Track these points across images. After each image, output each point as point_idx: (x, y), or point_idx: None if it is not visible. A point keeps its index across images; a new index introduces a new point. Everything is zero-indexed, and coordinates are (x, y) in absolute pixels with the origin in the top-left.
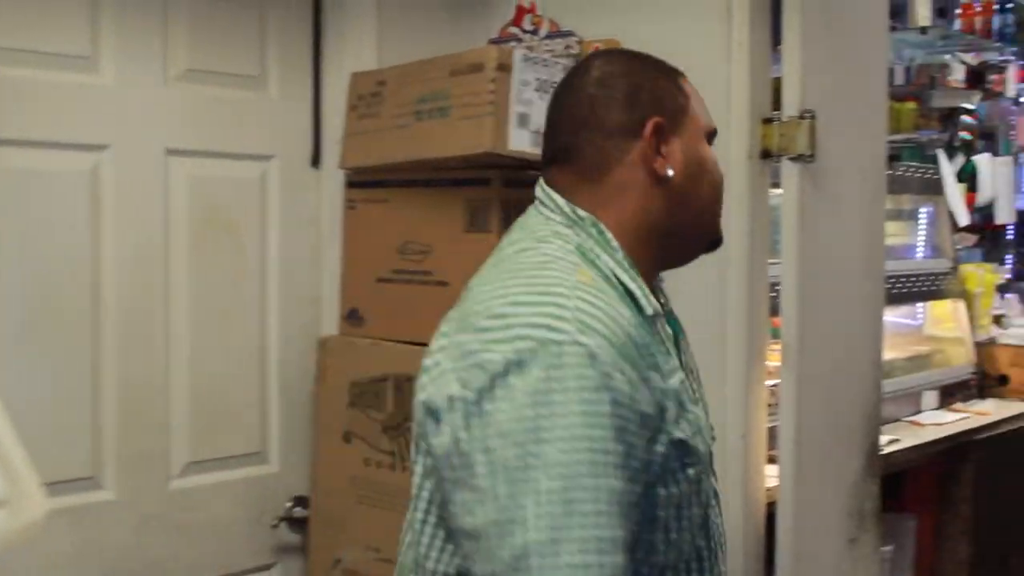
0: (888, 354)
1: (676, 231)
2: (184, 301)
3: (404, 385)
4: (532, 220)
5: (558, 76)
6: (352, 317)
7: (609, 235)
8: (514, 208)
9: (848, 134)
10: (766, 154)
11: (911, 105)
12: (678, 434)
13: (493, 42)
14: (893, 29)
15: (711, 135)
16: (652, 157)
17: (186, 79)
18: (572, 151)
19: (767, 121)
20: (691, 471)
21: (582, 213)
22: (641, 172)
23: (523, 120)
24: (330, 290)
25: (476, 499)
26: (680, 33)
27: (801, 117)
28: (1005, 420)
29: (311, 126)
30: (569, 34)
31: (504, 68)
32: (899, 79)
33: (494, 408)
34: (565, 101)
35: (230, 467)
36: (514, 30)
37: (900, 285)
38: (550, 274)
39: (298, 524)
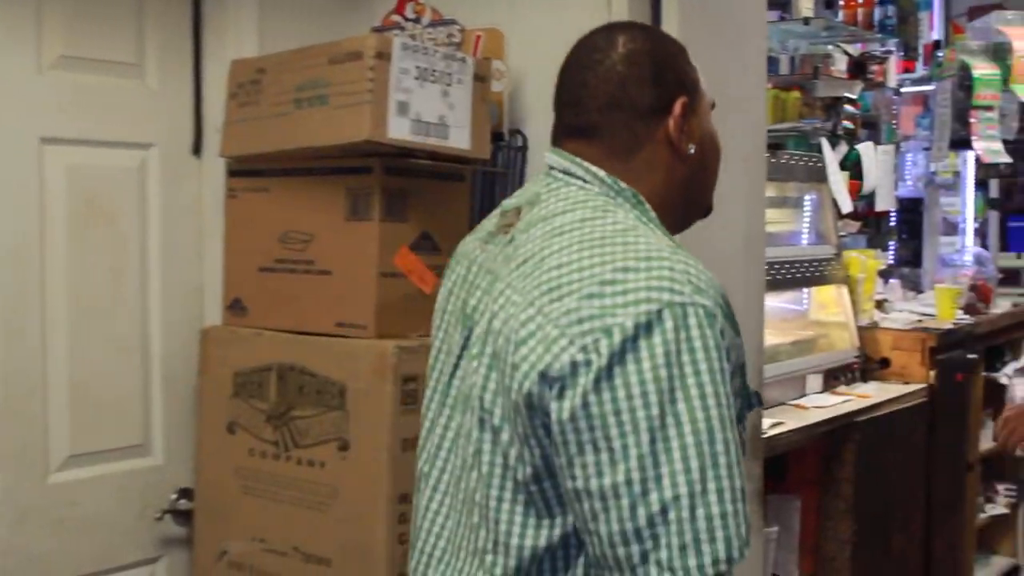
0: (774, 339)
1: (688, 202)
2: (62, 293)
3: (287, 374)
4: (567, 190)
5: (439, 65)
6: (235, 307)
7: (647, 207)
8: (396, 196)
9: (729, 122)
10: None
11: (796, 94)
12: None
13: (376, 30)
14: (781, 19)
15: (712, 107)
16: (678, 136)
17: (61, 66)
18: (602, 129)
19: None
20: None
21: (623, 185)
22: (666, 149)
23: (403, 108)
24: (213, 280)
25: (608, 460)
26: (561, 24)
27: None
28: (885, 402)
29: (192, 114)
30: (452, 22)
31: (383, 56)
32: (784, 69)
33: (627, 371)
34: (590, 77)
35: (112, 460)
36: (397, 18)
37: (785, 271)
38: (642, 240)
39: (183, 517)
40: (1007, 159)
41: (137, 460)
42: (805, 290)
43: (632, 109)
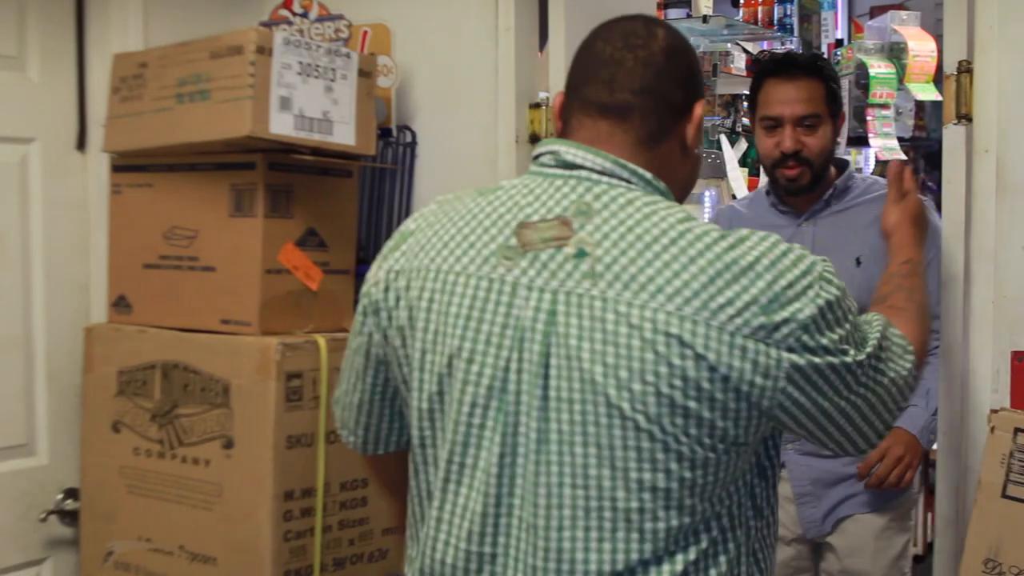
0: None
1: (685, 196)
2: None
3: (172, 372)
4: (617, 192)
5: (322, 60)
6: (120, 304)
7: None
8: (281, 192)
9: None
10: (535, 138)
11: None
12: None
13: (264, 24)
14: (687, 17)
15: None
16: (693, 138)
17: None
18: (635, 111)
19: (535, 106)
20: None
21: (663, 187)
22: (679, 148)
23: (285, 103)
24: (100, 277)
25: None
26: (449, 18)
27: None
28: None
29: (75, 109)
30: (339, 18)
31: (264, 51)
32: None
33: (849, 326)
34: (628, 59)
35: None
36: (284, 12)
37: None
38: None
39: (70, 517)
40: (902, 156)
41: (21, 460)
42: None
43: (664, 100)
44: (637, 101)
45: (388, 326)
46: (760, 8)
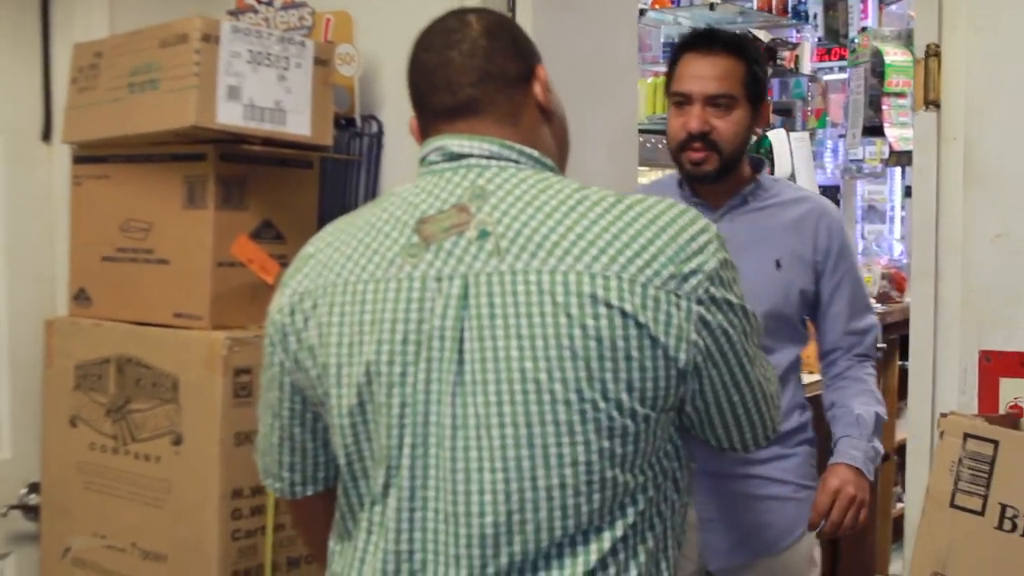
0: None
1: (564, 162)
2: None
3: (126, 367)
4: (509, 173)
5: (274, 48)
6: (80, 297)
7: None
8: (234, 183)
9: (592, 109)
10: None
11: None
12: None
13: (231, 13)
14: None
15: None
16: (546, 98)
17: None
18: (482, 102)
19: None
20: None
21: (549, 161)
22: (538, 113)
23: (233, 93)
24: (65, 269)
25: (763, 377)
26: (413, 4)
27: None
28: None
29: (40, 99)
30: (303, 5)
31: (210, 39)
32: None
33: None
34: (454, 56)
35: None
36: (250, 1)
37: None
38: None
39: (33, 512)
40: None
41: None
42: None
43: (503, 78)
44: (479, 91)
45: (298, 349)
46: None
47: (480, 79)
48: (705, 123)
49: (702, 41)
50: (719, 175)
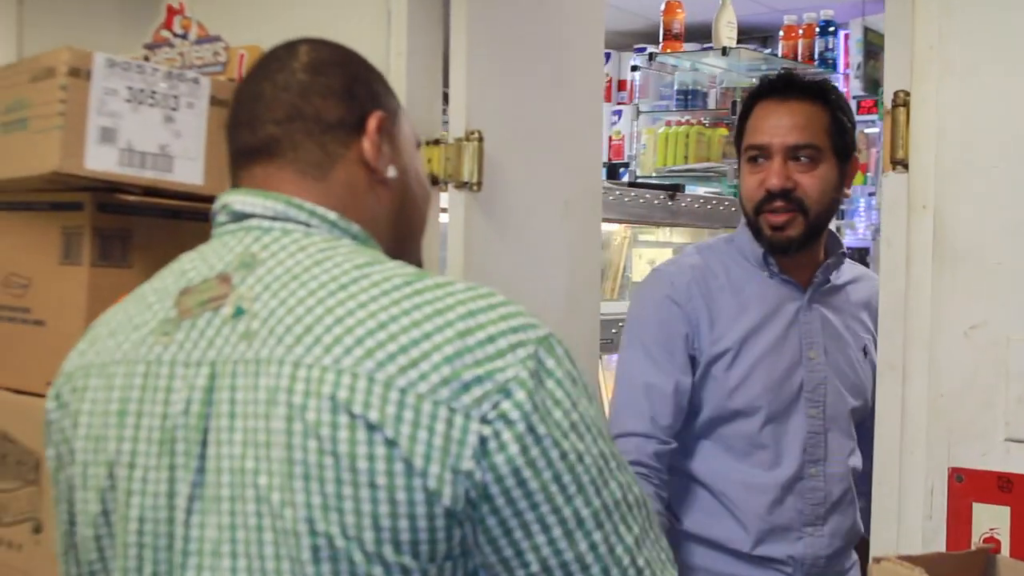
0: None
1: (399, 241)
2: None
3: None
4: (291, 239)
5: (159, 85)
6: None
7: (379, 248)
8: (115, 237)
9: (539, 159)
10: (434, 181)
11: (722, 131)
12: None
13: (147, 47)
14: (701, 49)
15: (417, 145)
16: (375, 154)
17: None
18: (283, 143)
19: (434, 143)
20: None
21: (356, 227)
22: (363, 171)
23: (107, 135)
24: None
25: (564, 533)
26: (334, 39)
27: (467, 138)
28: None
29: None
30: (217, 39)
31: (79, 74)
32: (712, 104)
33: (546, 427)
34: (266, 88)
35: None
36: (166, 33)
37: None
38: (445, 278)
39: None
40: None
41: None
42: None
43: (316, 121)
44: (281, 131)
45: (60, 441)
46: (800, 42)
47: (287, 117)
48: (787, 179)
49: (778, 87)
50: (804, 242)
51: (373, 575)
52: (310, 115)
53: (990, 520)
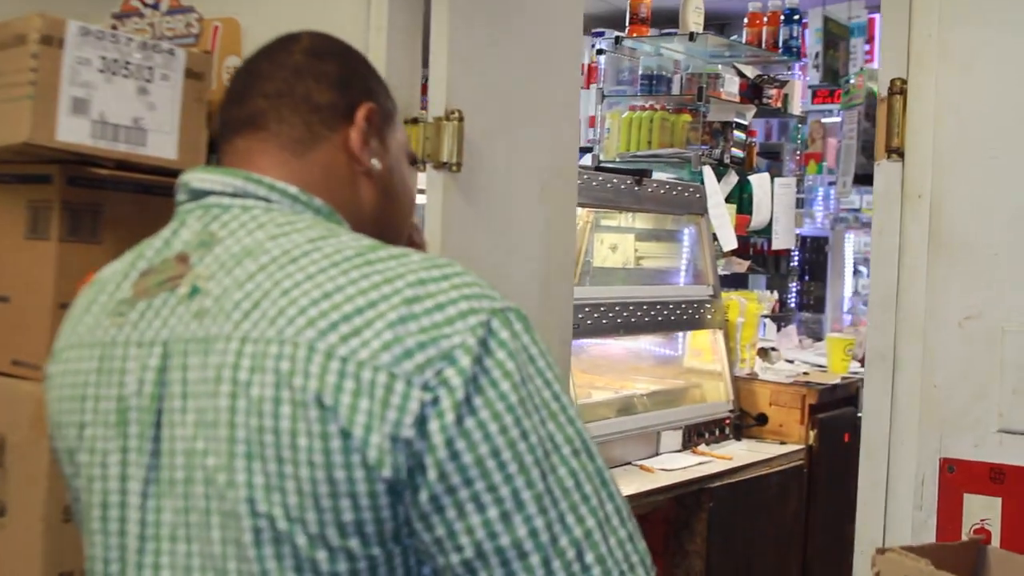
0: (627, 389)
1: (386, 229)
2: None
3: None
4: (251, 215)
5: (134, 56)
6: None
7: (347, 226)
8: (85, 212)
9: (518, 141)
10: (412, 160)
11: (686, 117)
12: None
13: (116, 16)
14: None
15: (411, 159)
16: (360, 145)
17: None
18: (268, 115)
19: (412, 121)
20: None
21: (319, 202)
22: (346, 158)
23: (80, 106)
24: None
25: (500, 515)
26: (311, 14)
27: (447, 118)
28: (750, 465)
29: None
30: (190, 10)
31: (51, 42)
32: (676, 90)
33: (489, 399)
34: (263, 66)
35: None
36: (136, 3)
37: (656, 312)
38: (405, 249)
39: None
40: None
41: None
42: (681, 334)
43: (305, 100)
44: (269, 104)
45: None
46: (764, 29)
47: (276, 92)
48: None
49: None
50: None
51: (317, 560)
52: (300, 93)
53: (981, 511)
